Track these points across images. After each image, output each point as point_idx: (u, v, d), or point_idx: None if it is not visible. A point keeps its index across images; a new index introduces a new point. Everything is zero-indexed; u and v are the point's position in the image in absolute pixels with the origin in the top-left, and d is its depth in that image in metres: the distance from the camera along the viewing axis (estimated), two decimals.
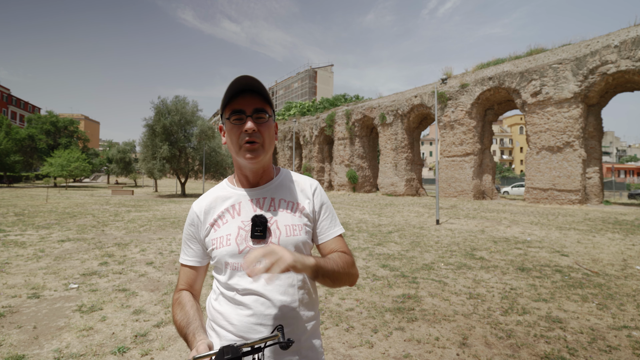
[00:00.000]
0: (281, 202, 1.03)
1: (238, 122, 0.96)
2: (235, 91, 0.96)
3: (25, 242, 7.07)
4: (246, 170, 1.03)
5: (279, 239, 0.98)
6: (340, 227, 1.11)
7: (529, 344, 2.98)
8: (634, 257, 6.30)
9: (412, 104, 24.27)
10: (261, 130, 0.97)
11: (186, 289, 1.06)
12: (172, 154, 25.48)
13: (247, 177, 1.04)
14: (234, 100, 0.97)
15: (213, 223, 1.01)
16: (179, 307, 1.00)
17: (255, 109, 0.96)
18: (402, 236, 8.37)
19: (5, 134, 34.90)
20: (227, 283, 0.98)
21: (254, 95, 0.97)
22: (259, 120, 0.97)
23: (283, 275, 0.96)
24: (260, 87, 0.96)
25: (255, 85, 0.96)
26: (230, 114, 0.97)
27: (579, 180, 16.68)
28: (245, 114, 0.95)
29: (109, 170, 49.32)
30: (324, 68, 75.81)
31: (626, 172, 59.22)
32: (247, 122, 0.95)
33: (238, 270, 0.96)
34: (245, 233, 0.97)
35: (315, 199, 1.08)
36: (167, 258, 6.05)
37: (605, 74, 15.81)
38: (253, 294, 0.94)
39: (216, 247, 0.99)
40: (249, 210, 1.01)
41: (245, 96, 0.96)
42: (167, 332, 3.16)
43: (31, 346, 2.84)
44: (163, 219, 11.52)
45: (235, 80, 0.93)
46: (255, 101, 0.97)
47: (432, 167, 67.43)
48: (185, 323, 0.95)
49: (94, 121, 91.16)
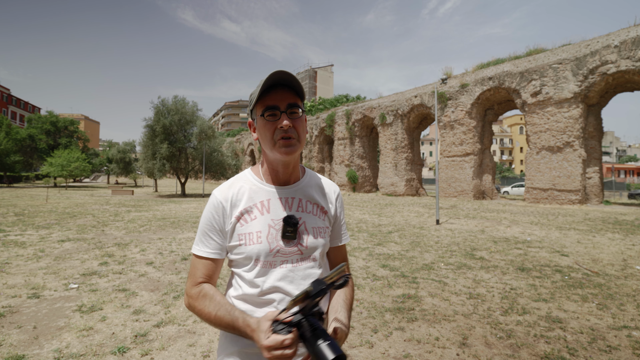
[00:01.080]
0: (308, 204, 1.04)
1: (272, 119, 0.94)
2: (268, 85, 0.94)
3: (25, 242, 7.07)
4: (278, 165, 1.01)
5: (307, 240, 0.99)
6: (347, 236, 1.16)
7: (529, 344, 2.98)
8: (634, 257, 6.30)
9: (412, 104, 24.27)
10: (295, 126, 0.95)
11: (207, 281, 1.00)
12: (171, 153, 25.48)
13: (278, 173, 1.02)
14: (266, 96, 0.95)
15: (239, 217, 0.99)
16: (206, 299, 0.94)
17: (289, 104, 0.94)
18: (402, 236, 8.37)
19: (6, 134, 34.88)
20: (252, 280, 0.96)
21: (286, 90, 0.95)
22: (293, 115, 0.95)
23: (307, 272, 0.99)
24: (294, 82, 0.94)
25: (289, 79, 0.93)
26: (264, 110, 0.94)
27: (579, 180, 16.68)
28: (279, 109, 0.93)
29: (109, 170, 49.31)
30: (324, 68, 75.83)
31: (626, 172, 59.22)
32: (283, 119, 0.93)
33: (265, 267, 0.96)
34: (276, 232, 0.97)
35: (337, 205, 1.11)
36: (167, 258, 6.05)
37: (605, 74, 15.81)
38: (279, 291, 0.96)
39: (245, 243, 0.97)
40: (278, 209, 1.00)
41: (277, 91, 0.94)
42: (167, 332, 3.16)
43: (31, 346, 2.84)
44: (163, 219, 11.52)
45: (272, 75, 0.91)
46: (288, 96, 0.94)
47: (432, 167, 67.42)
48: (226, 310, 0.91)
49: (94, 121, 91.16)
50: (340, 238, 1.12)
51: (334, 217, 1.09)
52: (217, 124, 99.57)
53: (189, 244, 7.32)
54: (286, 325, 0.75)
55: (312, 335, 0.72)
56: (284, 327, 0.75)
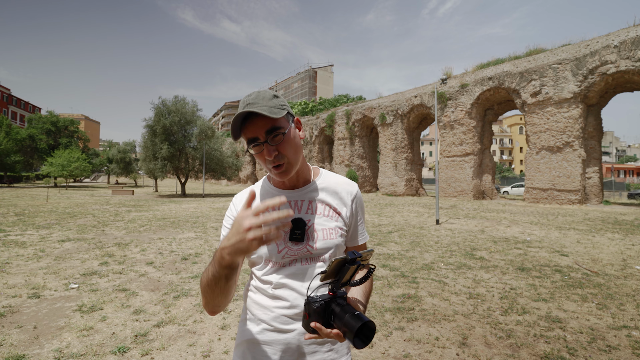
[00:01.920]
0: (318, 206, 1.05)
1: (258, 150, 0.95)
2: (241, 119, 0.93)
3: (26, 242, 7.08)
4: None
5: (315, 242, 1.01)
6: (367, 235, 1.18)
7: (529, 343, 2.98)
8: (633, 257, 6.30)
9: (412, 104, 24.27)
10: (281, 149, 0.94)
11: None
12: (172, 154, 25.49)
13: (284, 182, 1.07)
14: (245, 126, 0.94)
15: None
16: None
17: (266, 131, 0.92)
18: (402, 236, 8.38)
19: (6, 134, 34.91)
20: (262, 278, 1.02)
21: (261, 118, 0.92)
22: (275, 139, 0.93)
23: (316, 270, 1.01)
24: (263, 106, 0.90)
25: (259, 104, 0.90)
26: (247, 144, 0.94)
27: (578, 180, 16.68)
28: (259, 140, 0.93)
29: (109, 170, 49.33)
30: (324, 68, 75.85)
31: (626, 172, 59.23)
32: (264, 151, 0.93)
33: (275, 266, 1.01)
34: (284, 234, 1.00)
35: (353, 205, 1.11)
36: (167, 258, 6.05)
37: (605, 74, 15.81)
38: (287, 287, 0.99)
39: None
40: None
41: (253, 120, 0.92)
42: (167, 332, 3.17)
43: (31, 346, 2.85)
44: (163, 219, 11.52)
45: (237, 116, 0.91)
46: (263, 123, 0.92)
47: (432, 167, 67.43)
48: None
49: (94, 121, 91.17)
50: (357, 238, 1.14)
51: (349, 217, 1.10)
52: (217, 124, 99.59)
53: (189, 244, 7.33)
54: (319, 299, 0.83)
55: (341, 310, 0.81)
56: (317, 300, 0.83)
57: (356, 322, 0.76)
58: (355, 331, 0.75)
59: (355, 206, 1.12)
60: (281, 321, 0.97)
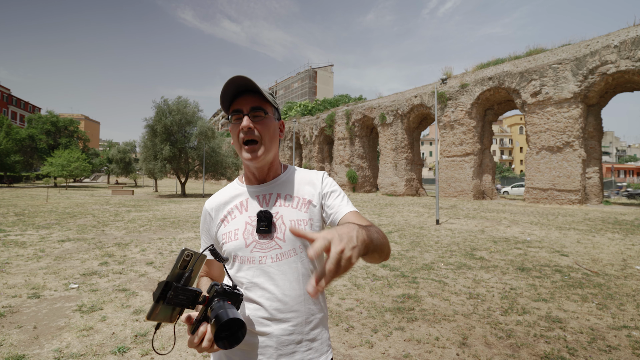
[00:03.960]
0: (287, 197, 1.05)
1: (237, 122, 0.99)
2: (235, 93, 0.99)
3: (26, 242, 7.07)
4: (252, 168, 1.06)
5: (284, 233, 1.00)
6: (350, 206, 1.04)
7: (529, 343, 2.98)
8: (633, 257, 6.30)
9: (412, 104, 24.27)
10: (258, 128, 0.98)
11: (205, 275, 1.12)
12: (172, 154, 25.49)
13: (254, 174, 1.07)
14: (234, 102, 1.00)
15: (223, 219, 1.06)
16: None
17: (252, 107, 0.98)
18: (402, 236, 8.37)
19: (6, 134, 34.90)
20: (234, 276, 1.01)
21: (251, 95, 0.99)
22: (256, 118, 0.99)
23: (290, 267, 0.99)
24: (255, 86, 0.98)
25: (250, 85, 0.97)
26: (230, 115, 1.01)
27: (578, 180, 16.68)
28: (242, 112, 0.98)
29: (109, 170, 49.34)
30: (324, 68, 75.79)
31: (626, 172, 59.23)
32: (243, 120, 0.97)
33: (244, 263, 1.00)
34: (252, 228, 1.00)
35: (323, 187, 1.08)
36: (167, 258, 6.05)
37: (605, 74, 15.81)
38: (258, 287, 0.97)
39: (226, 241, 1.02)
40: (255, 206, 1.04)
41: (244, 96, 0.99)
42: (167, 332, 3.16)
43: (31, 346, 2.84)
44: (163, 219, 11.52)
45: (229, 82, 0.94)
46: (252, 100, 0.99)
47: (432, 167, 67.42)
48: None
49: (94, 121, 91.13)
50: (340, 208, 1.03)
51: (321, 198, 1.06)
52: (217, 124, 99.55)
53: (189, 243, 7.32)
54: (195, 323, 0.80)
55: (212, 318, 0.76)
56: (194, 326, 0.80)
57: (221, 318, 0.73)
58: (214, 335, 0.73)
59: (324, 185, 1.08)
60: (257, 323, 0.95)
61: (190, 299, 0.78)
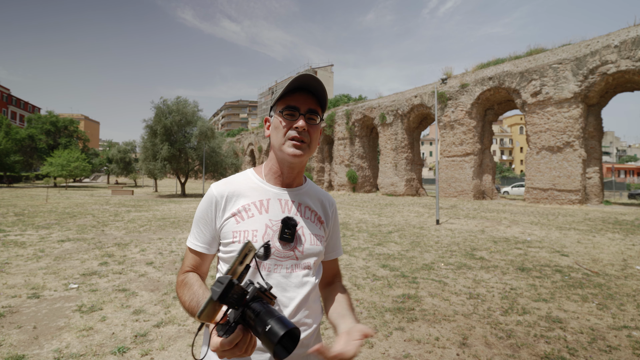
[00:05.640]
0: (307, 210, 1.03)
1: (289, 118, 0.95)
2: (295, 87, 0.95)
3: (25, 242, 7.07)
4: (284, 166, 1.00)
5: (303, 246, 0.98)
6: (341, 249, 1.18)
7: (529, 344, 2.98)
8: (634, 257, 6.30)
9: (412, 104, 24.26)
10: (310, 131, 0.97)
11: (192, 270, 1.02)
12: (172, 154, 25.49)
13: (282, 175, 1.02)
14: (290, 96, 0.96)
15: (236, 213, 0.97)
16: (185, 287, 0.94)
17: (309, 109, 0.96)
18: (402, 236, 8.37)
19: (5, 134, 34.89)
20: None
21: (310, 95, 0.97)
22: (310, 121, 0.97)
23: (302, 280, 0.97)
24: (320, 89, 0.96)
25: (316, 86, 0.95)
26: (283, 108, 0.96)
27: (579, 180, 16.67)
28: (299, 111, 0.95)
29: (109, 170, 49.32)
30: (324, 68, 75.82)
31: (626, 172, 59.21)
32: (299, 120, 0.94)
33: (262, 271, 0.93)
34: (273, 233, 0.95)
35: (332, 216, 1.12)
36: (167, 258, 6.05)
37: (605, 74, 15.80)
38: None
39: (239, 240, 0.95)
40: (277, 210, 0.99)
41: (302, 94, 0.96)
42: (167, 332, 3.16)
43: (31, 346, 2.84)
44: (163, 219, 11.52)
45: (299, 77, 0.92)
46: (310, 101, 0.97)
47: (432, 167, 67.41)
48: (196, 303, 0.89)
49: (94, 121, 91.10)
50: (333, 251, 1.13)
51: (329, 229, 1.10)
52: (217, 124, 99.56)
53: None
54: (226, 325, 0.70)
55: (257, 322, 0.67)
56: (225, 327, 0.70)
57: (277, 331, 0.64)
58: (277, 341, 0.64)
59: (334, 218, 1.12)
60: None
61: (238, 299, 0.69)
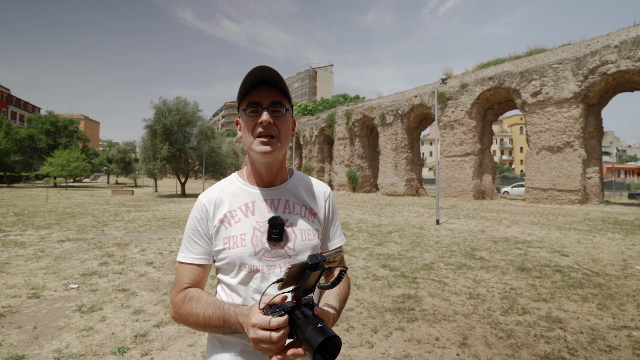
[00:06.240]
0: (295, 206, 1.00)
1: (254, 115, 0.92)
2: (253, 83, 0.92)
3: (25, 242, 7.07)
4: (261, 167, 0.98)
5: (294, 242, 0.95)
6: (343, 237, 1.13)
7: (529, 344, 2.98)
8: (634, 257, 6.30)
9: (412, 104, 24.27)
10: (277, 124, 0.93)
11: (192, 286, 0.96)
12: (172, 154, 25.49)
13: (262, 175, 0.99)
14: (251, 92, 0.93)
15: (223, 219, 0.96)
16: (192, 301, 0.89)
17: (272, 101, 0.92)
18: (402, 236, 8.37)
19: (5, 134, 34.88)
20: (237, 287, 0.93)
21: (271, 88, 0.93)
22: (276, 113, 0.93)
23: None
24: (278, 80, 0.92)
25: (273, 77, 0.91)
26: (246, 106, 0.93)
27: (579, 180, 16.68)
28: (261, 106, 0.92)
29: (109, 170, 49.32)
30: (324, 68, 75.84)
31: (626, 172, 59.21)
32: (263, 114, 0.91)
33: (252, 272, 0.92)
34: (261, 234, 0.93)
35: (327, 204, 1.08)
36: (167, 258, 6.04)
37: (605, 74, 15.81)
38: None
39: (229, 247, 0.93)
40: (263, 211, 0.97)
41: (262, 88, 0.93)
42: (167, 332, 3.16)
43: (31, 346, 2.84)
44: (163, 219, 11.51)
45: (252, 71, 0.89)
46: (272, 94, 0.93)
47: (432, 167, 67.41)
48: (215, 306, 0.86)
49: (94, 121, 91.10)
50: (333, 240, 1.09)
51: (324, 219, 1.06)
52: (217, 123, 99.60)
53: None
54: (278, 309, 0.72)
55: (303, 321, 0.70)
56: (277, 310, 0.72)
57: (318, 336, 0.66)
58: (317, 347, 0.65)
59: (328, 206, 1.08)
60: None
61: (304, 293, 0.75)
